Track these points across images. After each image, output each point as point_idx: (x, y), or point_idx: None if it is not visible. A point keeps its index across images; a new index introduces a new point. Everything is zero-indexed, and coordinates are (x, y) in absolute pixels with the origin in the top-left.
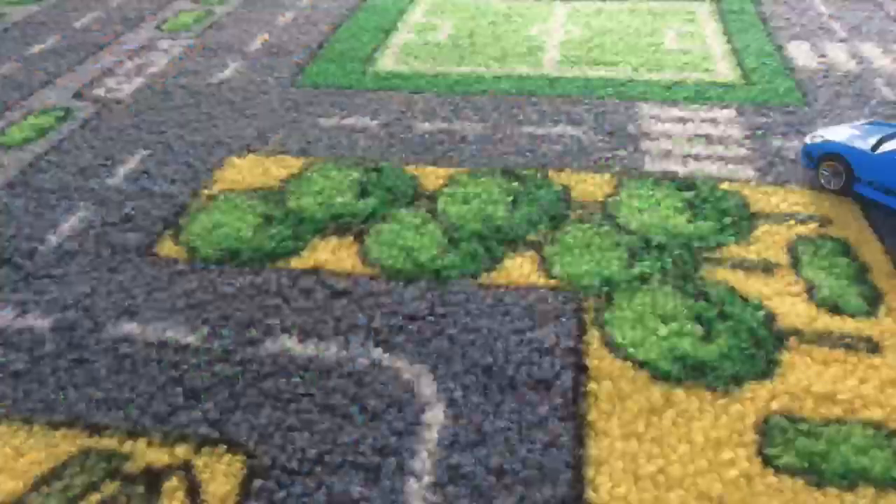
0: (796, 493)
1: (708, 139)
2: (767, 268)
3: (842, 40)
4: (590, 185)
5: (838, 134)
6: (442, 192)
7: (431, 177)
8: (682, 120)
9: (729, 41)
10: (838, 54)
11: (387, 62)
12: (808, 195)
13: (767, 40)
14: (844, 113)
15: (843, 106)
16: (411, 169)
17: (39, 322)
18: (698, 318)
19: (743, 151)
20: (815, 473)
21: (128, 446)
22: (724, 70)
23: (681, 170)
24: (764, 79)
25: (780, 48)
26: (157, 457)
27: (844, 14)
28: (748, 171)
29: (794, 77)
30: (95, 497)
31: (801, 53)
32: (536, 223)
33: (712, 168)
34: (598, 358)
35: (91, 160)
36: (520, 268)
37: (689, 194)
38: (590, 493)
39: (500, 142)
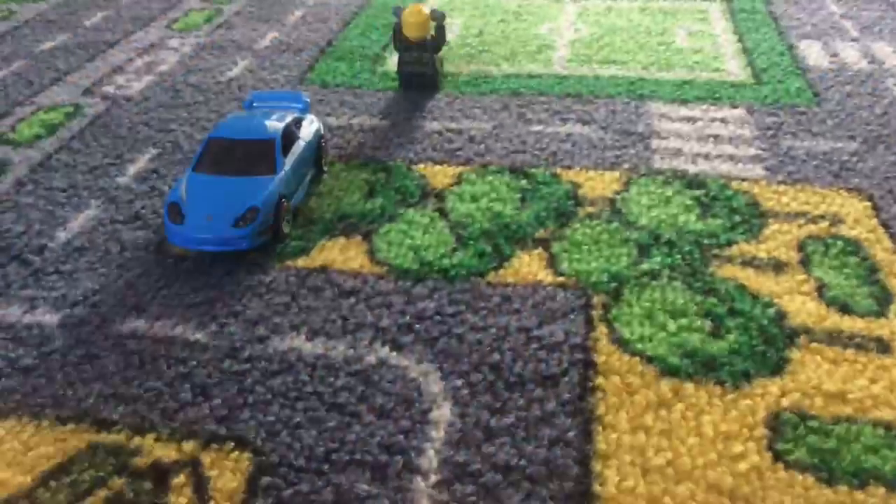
0: (807, 488)
1: (718, 138)
2: (777, 266)
3: (854, 39)
4: (599, 183)
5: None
6: (450, 191)
7: (440, 176)
8: (692, 119)
9: (740, 40)
10: (850, 53)
11: (396, 60)
12: (819, 194)
13: (779, 39)
14: (856, 112)
15: (854, 105)
16: (420, 168)
17: (48, 318)
18: (708, 314)
19: (753, 150)
20: (825, 470)
21: (136, 442)
22: (735, 69)
23: (691, 168)
24: (775, 78)
25: (791, 47)
26: (165, 453)
27: (856, 13)
28: (758, 170)
29: (805, 76)
30: (103, 492)
31: (812, 53)
32: (545, 221)
33: (722, 167)
34: (606, 354)
35: (101, 159)
36: (528, 265)
37: (698, 192)
38: (597, 487)
39: (508, 140)
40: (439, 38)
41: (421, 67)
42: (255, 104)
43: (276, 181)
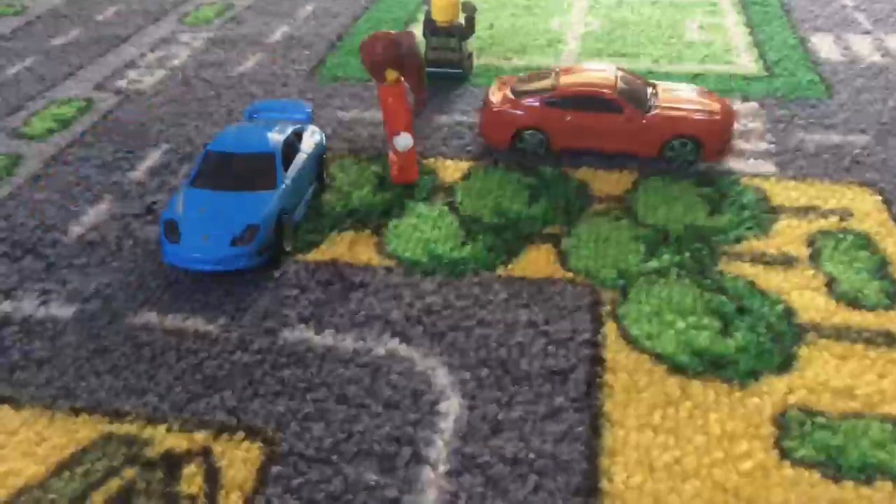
0: (813, 485)
1: None
2: (787, 262)
3: (866, 32)
4: (606, 183)
5: None
6: (460, 185)
7: (450, 169)
8: None
9: (751, 33)
10: (863, 46)
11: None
12: (829, 189)
13: (790, 32)
14: (868, 106)
15: (866, 98)
16: (430, 162)
17: (62, 311)
18: (716, 313)
19: (763, 145)
20: (832, 467)
21: (147, 432)
22: (747, 62)
23: (701, 164)
24: (787, 71)
25: (803, 40)
26: (177, 443)
27: (869, 5)
28: (769, 166)
29: (817, 69)
30: (116, 482)
31: (824, 45)
32: (554, 217)
33: (733, 162)
34: (614, 350)
35: (113, 154)
36: (537, 261)
37: (708, 189)
38: (604, 483)
39: None
40: (468, 28)
41: (449, 53)
42: (255, 114)
43: (276, 196)
